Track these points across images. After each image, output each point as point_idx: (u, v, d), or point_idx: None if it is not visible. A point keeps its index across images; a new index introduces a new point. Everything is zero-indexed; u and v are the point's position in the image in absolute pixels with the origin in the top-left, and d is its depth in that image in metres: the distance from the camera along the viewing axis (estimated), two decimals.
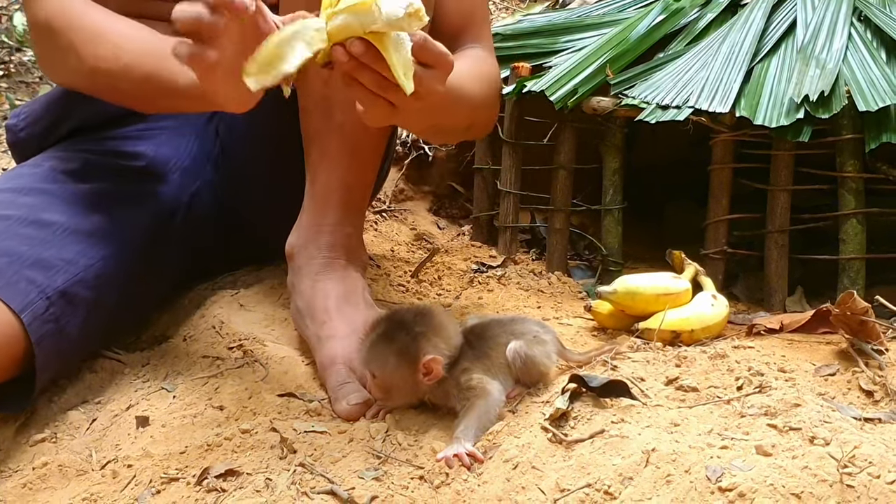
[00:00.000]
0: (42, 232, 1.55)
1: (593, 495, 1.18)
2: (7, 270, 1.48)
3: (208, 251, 1.87)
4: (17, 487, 1.39)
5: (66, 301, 1.52)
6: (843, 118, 1.92)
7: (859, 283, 1.91)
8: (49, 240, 1.55)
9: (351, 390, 1.47)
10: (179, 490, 1.29)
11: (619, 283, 1.74)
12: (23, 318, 1.45)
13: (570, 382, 1.37)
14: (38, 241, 1.54)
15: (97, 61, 1.55)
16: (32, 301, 1.47)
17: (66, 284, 1.52)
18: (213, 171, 1.86)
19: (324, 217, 1.62)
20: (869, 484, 1.14)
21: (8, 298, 1.45)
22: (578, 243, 2.33)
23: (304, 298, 1.59)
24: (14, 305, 1.45)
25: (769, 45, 2.11)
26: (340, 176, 1.61)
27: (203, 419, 1.46)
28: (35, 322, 1.47)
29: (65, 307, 1.52)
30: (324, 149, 1.60)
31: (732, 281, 2.08)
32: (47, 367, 1.50)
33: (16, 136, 1.85)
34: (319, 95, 1.57)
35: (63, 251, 1.54)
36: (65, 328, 1.52)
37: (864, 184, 1.94)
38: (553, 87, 2.10)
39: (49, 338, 1.48)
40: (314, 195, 1.63)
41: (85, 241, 1.58)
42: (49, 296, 1.50)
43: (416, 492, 1.25)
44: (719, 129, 2.00)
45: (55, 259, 1.53)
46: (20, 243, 1.52)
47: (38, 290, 1.49)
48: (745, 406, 1.35)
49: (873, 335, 1.57)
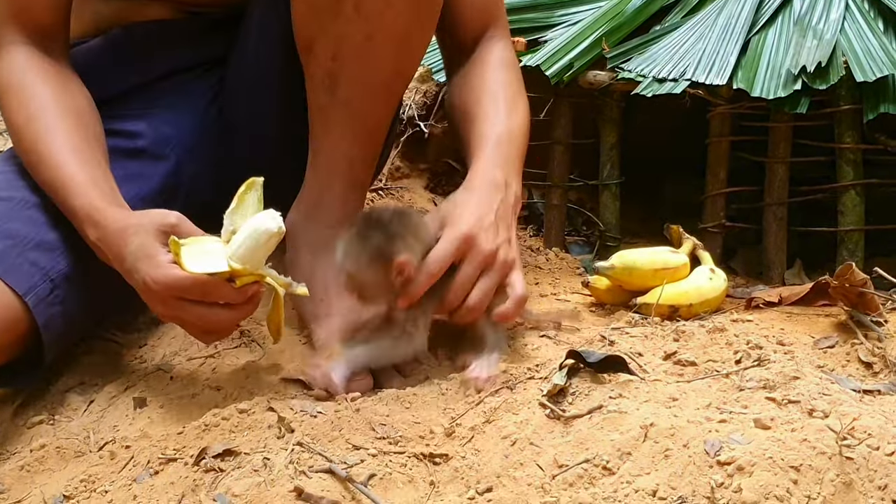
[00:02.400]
0: (45, 214, 1.54)
1: (591, 471, 1.18)
2: (10, 253, 1.47)
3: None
4: (15, 469, 1.39)
5: (70, 283, 1.51)
6: (840, 89, 1.91)
7: (858, 254, 1.90)
8: (52, 222, 1.54)
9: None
10: (177, 470, 1.29)
11: (616, 258, 1.73)
12: (27, 301, 1.45)
13: (567, 358, 1.37)
14: (41, 223, 1.53)
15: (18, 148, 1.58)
16: (36, 284, 1.47)
17: (69, 267, 1.52)
18: (215, 150, 1.84)
19: (326, 192, 1.61)
20: (868, 456, 1.14)
21: (12, 282, 1.45)
22: (576, 219, 2.32)
23: (303, 275, 1.59)
24: (18, 289, 1.45)
25: (766, 16, 2.10)
26: (345, 151, 1.60)
27: (200, 399, 1.46)
28: (40, 305, 1.46)
29: (68, 289, 1.51)
30: (328, 123, 1.59)
31: (731, 254, 2.07)
32: (53, 347, 1.50)
33: None
34: (325, 71, 1.55)
35: (66, 233, 1.53)
36: (69, 310, 1.51)
37: (863, 155, 1.94)
38: (549, 62, 2.09)
39: (55, 320, 1.48)
40: (317, 170, 1.62)
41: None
42: (53, 278, 1.49)
43: (415, 469, 1.25)
44: (716, 102, 1.99)
45: (58, 241, 1.53)
46: (23, 225, 1.52)
47: (42, 272, 1.49)
48: (744, 379, 1.35)
49: (872, 307, 1.57)
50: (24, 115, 1.55)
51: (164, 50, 1.74)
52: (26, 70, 1.58)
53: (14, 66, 1.58)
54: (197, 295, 1.37)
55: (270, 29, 1.66)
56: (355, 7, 1.47)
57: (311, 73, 1.57)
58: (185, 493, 1.25)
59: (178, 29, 1.76)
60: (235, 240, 1.37)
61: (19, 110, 1.56)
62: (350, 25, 1.49)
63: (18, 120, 1.56)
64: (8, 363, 1.47)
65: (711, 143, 2.03)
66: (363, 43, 1.50)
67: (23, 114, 1.56)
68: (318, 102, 1.59)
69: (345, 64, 1.51)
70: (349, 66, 1.49)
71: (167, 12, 1.75)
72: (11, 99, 1.57)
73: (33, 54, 1.59)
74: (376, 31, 1.50)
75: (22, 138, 1.56)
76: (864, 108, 1.90)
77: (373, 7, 1.48)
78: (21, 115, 1.56)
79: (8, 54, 1.59)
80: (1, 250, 1.47)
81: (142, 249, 1.38)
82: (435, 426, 1.32)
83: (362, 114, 1.58)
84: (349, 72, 1.50)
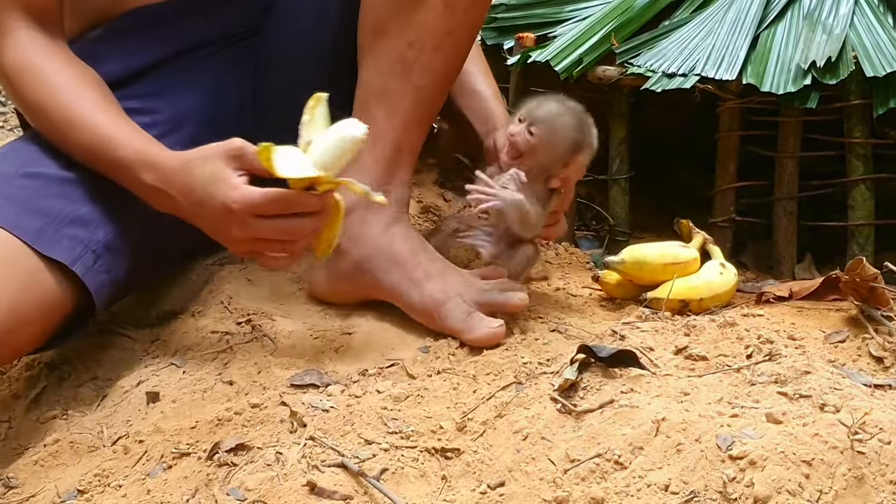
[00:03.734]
0: (76, 188, 1.56)
1: (603, 465, 1.18)
2: (47, 230, 1.49)
3: None
4: (30, 464, 1.40)
5: (111, 252, 1.54)
6: (850, 84, 1.91)
7: (868, 249, 1.90)
8: (84, 196, 1.56)
9: (481, 318, 1.52)
10: (190, 465, 1.29)
11: (626, 252, 1.73)
12: (75, 270, 1.47)
13: (578, 353, 1.37)
14: (74, 198, 1.55)
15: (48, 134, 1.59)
16: (80, 254, 1.49)
17: (107, 237, 1.54)
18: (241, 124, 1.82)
19: (393, 175, 1.62)
20: (879, 450, 1.14)
21: (57, 255, 1.47)
22: (585, 213, 2.32)
23: (378, 245, 1.60)
24: (65, 260, 1.47)
25: (775, 11, 2.10)
26: (411, 137, 1.62)
27: (213, 394, 1.47)
28: (88, 274, 1.49)
29: (110, 258, 1.54)
30: (395, 108, 1.60)
31: (741, 249, 2.07)
32: (102, 309, 1.55)
33: None
34: (398, 55, 1.57)
35: (99, 205, 1.56)
36: (116, 278, 1.55)
37: (873, 149, 1.94)
38: (558, 57, 2.09)
39: (104, 288, 1.52)
40: (380, 153, 1.62)
41: (118, 195, 1.58)
42: (94, 249, 1.52)
43: (427, 464, 1.25)
44: (726, 97, 1.99)
45: (93, 214, 1.55)
46: (56, 202, 1.53)
47: (83, 245, 1.51)
48: (755, 374, 1.35)
49: (883, 301, 1.57)
50: (46, 92, 1.56)
51: (173, 29, 1.74)
52: (35, 51, 1.59)
53: (22, 48, 1.59)
54: (277, 208, 1.38)
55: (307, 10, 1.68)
56: (444, 1, 1.51)
57: (379, 55, 1.58)
58: (199, 487, 1.25)
59: (184, 8, 1.75)
60: (316, 148, 1.38)
61: (41, 88, 1.57)
62: (435, 16, 1.52)
63: (41, 97, 1.57)
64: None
65: (721, 138, 2.03)
66: (445, 36, 1.54)
67: (45, 90, 1.57)
68: (383, 85, 1.60)
69: (423, 52, 1.54)
70: (427, 56, 1.52)
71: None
72: (29, 79, 1.58)
73: (37, 36, 1.60)
74: (459, 27, 1.55)
75: (49, 112, 1.56)
76: (874, 102, 1.90)
77: (461, 3, 1.53)
78: (43, 92, 1.57)
79: (12, 38, 1.60)
80: (39, 228, 1.48)
81: (214, 175, 1.40)
82: (446, 421, 1.33)
83: (430, 102, 1.61)
84: (426, 60, 1.54)
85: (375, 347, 1.56)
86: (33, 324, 1.45)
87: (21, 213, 1.49)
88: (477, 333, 1.51)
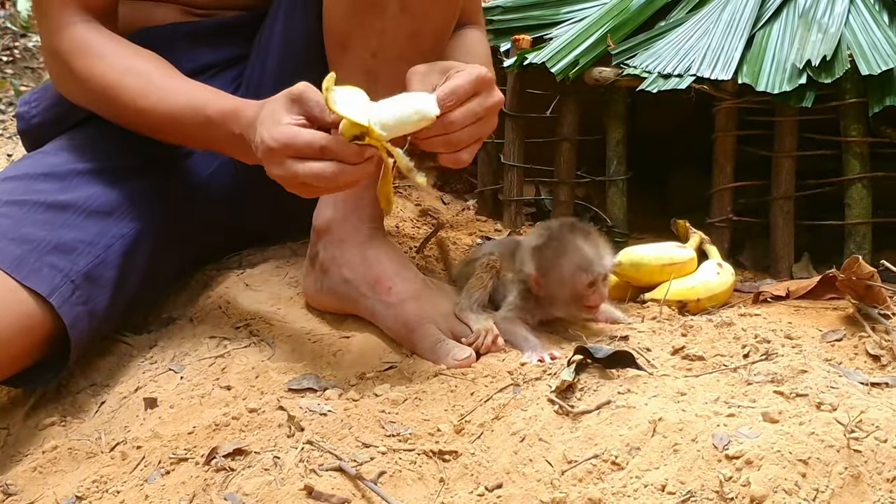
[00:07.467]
0: (60, 215, 1.56)
1: (601, 466, 1.19)
2: (28, 258, 1.49)
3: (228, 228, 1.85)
4: (28, 471, 1.40)
5: (91, 282, 1.53)
6: (846, 82, 1.91)
7: (865, 247, 1.90)
8: (68, 222, 1.56)
9: (452, 346, 1.51)
10: (188, 470, 1.30)
11: (623, 254, 1.73)
12: (52, 301, 1.47)
13: (575, 354, 1.38)
14: (57, 225, 1.55)
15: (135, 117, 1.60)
16: (58, 286, 1.49)
17: (88, 267, 1.54)
18: None
19: (366, 190, 1.58)
20: (876, 448, 1.14)
21: (34, 285, 1.46)
22: (583, 215, 2.32)
23: (354, 268, 1.59)
24: (42, 291, 1.46)
25: (770, 10, 2.10)
26: None
27: (211, 399, 1.47)
28: (65, 306, 1.49)
29: (90, 289, 1.53)
30: None
31: (738, 249, 2.07)
32: (79, 346, 1.52)
33: (28, 124, 1.83)
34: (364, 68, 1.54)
35: (83, 232, 1.55)
36: (94, 309, 1.54)
37: (869, 148, 1.94)
38: (554, 59, 2.09)
39: (80, 319, 1.51)
40: None
41: (104, 221, 1.59)
42: (73, 279, 1.51)
43: (424, 466, 1.25)
44: (722, 97, 1.99)
45: (75, 242, 1.54)
46: (39, 229, 1.53)
47: (62, 274, 1.50)
48: (752, 373, 1.35)
49: (880, 299, 1.57)
50: (115, 74, 1.58)
51: (185, 51, 1.74)
52: (96, 35, 1.61)
53: (81, 34, 1.60)
54: (313, 151, 1.35)
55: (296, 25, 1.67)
56: (401, 6, 1.48)
57: (347, 69, 1.57)
58: (196, 492, 1.25)
59: (194, 31, 1.77)
60: (384, 103, 1.34)
61: (108, 70, 1.58)
62: (394, 23, 1.50)
63: (109, 74, 1.58)
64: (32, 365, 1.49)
65: (717, 138, 2.03)
66: (407, 41, 1.52)
67: (111, 73, 1.58)
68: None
69: (386, 62, 1.51)
70: (390, 65, 1.49)
71: (176, 15, 1.76)
72: (93, 60, 1.59)
73: (96, 26, 1.62)
74: (421, 29, 1.52)
75: (120, 89, 1.57)
76: (870, 101, 1.90)
77: (420, 5, 1.49)
78: (112, 69, 1.58)
79: (69, 29, 1.60)
80: (19, 256, 1.48)
81: (269, 115, 1.38)
82: (444, 423, 1.33)
83: None
84: (391, 69, 1.50)
85: (373, 351, 1.56)
86: (12, 344, 1.44)
87: (1, 241, 1.49)
88: (444, 363, 1.49)
